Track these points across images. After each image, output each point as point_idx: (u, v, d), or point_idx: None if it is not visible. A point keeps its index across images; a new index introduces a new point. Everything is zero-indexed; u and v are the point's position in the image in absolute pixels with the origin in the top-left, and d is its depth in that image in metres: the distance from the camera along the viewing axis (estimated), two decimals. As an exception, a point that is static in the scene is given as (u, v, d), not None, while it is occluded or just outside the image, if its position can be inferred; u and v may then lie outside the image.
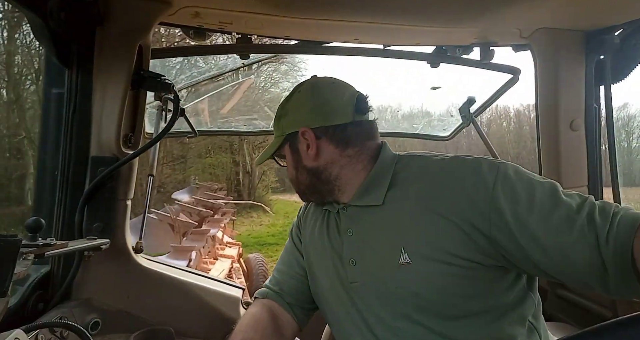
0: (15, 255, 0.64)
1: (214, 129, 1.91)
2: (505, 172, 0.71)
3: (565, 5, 1.10)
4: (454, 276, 0.70)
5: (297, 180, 0.93)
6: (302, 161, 0.89)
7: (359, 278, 0.81)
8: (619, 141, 13.74)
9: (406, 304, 0.74)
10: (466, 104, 1.67)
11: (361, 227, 0.84)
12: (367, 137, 0.87)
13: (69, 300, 1.12)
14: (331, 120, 0.85)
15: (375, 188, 0.83)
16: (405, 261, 0.74)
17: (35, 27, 1.00)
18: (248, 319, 0.89)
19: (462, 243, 0.70)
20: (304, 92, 0.90)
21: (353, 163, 0.86)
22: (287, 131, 0.90)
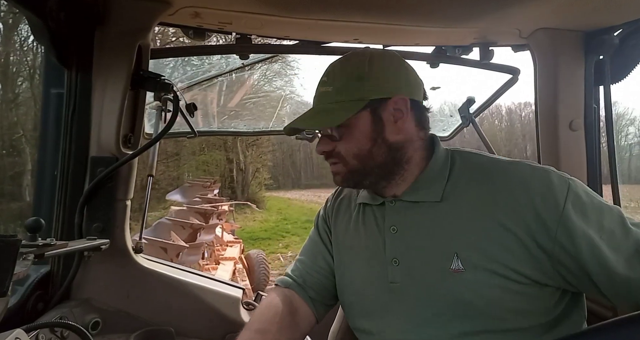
0: (15, 255, 0.64)
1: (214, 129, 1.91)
2: (576, 190, 0.67)
3: (564, 5, 1.10)
4: (506, 290, 0.67)
5: (370, 154, 0.77)
6: (384, 133, 0.77)
7: (401, 279, 0.76)
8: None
9: (451, 311, 0.70)
10: (466, 104, 1.67)
11: (409, 225, 0.77)
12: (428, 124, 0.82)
13: (68, 300, 1.12)
14: (418, 94, 0.79)
15: (432, 183, 0.76)
16: (458, 268, 0.69)
17: (35, 27, 1.00)
18: (266, 309, 0.85)
19: (520, 256, 0.66)
20: (389, 59, 0.79)
21: (422, 148, 0.80)
22: (372, 96, 0.76)
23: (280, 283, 0.94)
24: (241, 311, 1.31)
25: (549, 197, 0.66)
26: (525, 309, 0.68)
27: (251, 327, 0.81)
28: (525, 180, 0.69)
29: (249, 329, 0.80)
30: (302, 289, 0.91)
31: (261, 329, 0.80)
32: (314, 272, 0.92)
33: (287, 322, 0.83)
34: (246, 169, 19.45)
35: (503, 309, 0.68)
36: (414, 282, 0.74)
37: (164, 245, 4.19)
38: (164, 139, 1.24)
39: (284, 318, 0.83)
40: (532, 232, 0.66)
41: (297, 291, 0.90)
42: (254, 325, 0.81)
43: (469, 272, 0.69)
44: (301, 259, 0.97)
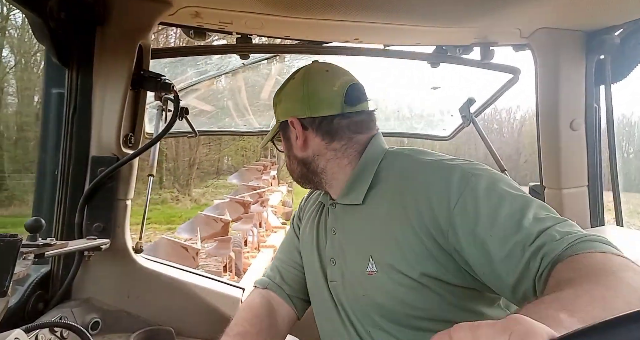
0: (15, 255, 0.64)
1: (214, 129, 1.91)
2: (475, 186, 0.66)
3: (565, 5, 1.09)
4: (416, 290, 0.69)
5: (290, 168, 0.92)
6: (292, 150, 0.88)
7: (337, 278, 0.82)
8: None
9: (372, 311, 0.74)
10: (466, 104, 1.67)
11: (343, 227, 0.83)
12: (357, 130, 0.84)
13: (69, 300, 1.12)
14: (318, 111, 0.82)
15: (357, 186, 0.81)
16: (372, 270, 0.73)
17: (36, 27, 1.00)
18: (244, 312, 0.89)
19: (425, 257, 0.68)
20: (297, 79, 0.87)
21: (338, 157, 0.84)
22: (280, 119, 0.89)
23: (258, 284, 0.97)
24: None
25: (443, 195, 0.67)
26: (436, 307, 0.69)
27: (230, 332, 0.83)
28: (429, 181, 0.70)
29: (228, 335, 0.83)
30: (280, 288, 0.94)
31: (241, 332, 0.82)
32: (290, 267, 0.97)
33: (266, 323, 0.86)
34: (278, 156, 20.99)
35: (416, 308, 0.69)
36: (344, 283, 0.80)
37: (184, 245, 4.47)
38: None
39: (263, 319, 0.87)
40: (430, 231, 0.67)
41: (275, 290, 0.94)
42: (233, 329, 0.84)
43: (381, 274, 0.72)
44: (278, 257, 1.01)
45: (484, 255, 0.63)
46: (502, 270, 0.61)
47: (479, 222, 0.63)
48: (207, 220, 5.92)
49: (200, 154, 17.58)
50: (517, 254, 0.60)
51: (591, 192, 1.33)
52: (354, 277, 0.77)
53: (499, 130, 28.94)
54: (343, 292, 0.80)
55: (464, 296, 0.70)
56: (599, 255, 0.53)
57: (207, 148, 18.20)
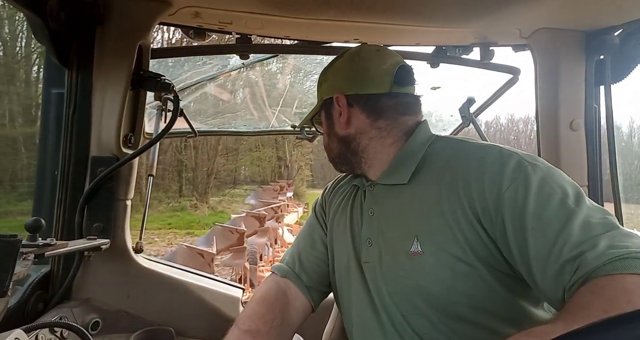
0: (15, 255, 0.64)
1: (214, 129, 1.91)
2: (530, 175, 0.64)
3: (565, 5, 1.09)
4: (464, 274, 0.66)
5: (329, 147, 0.91)
6: (334, 128, 0.87)
7: (372, 259, 0.79)
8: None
9: (414, 294, 0.71)
10: (466, 104, 1.67)
11: (383, 207, 0.80)
12: (404, 112, 0.83)
13: (69, 300, 1.12)
14: (366, 88, 0.82)
15: (402, 166, 0.79)
16: (417, 250, 0.70)
17: (35, 27, 1.00)
18: (259, 305, 0.84)
19: (475, 239, 0.66)
20: (346, 57, 0.87)
21: (383, 136, 0.82)
22: (324, 96, 0.88)
23: (276, 270, 0.93)
24: (241, 311, 1.31)
25: (495, 182, 0.65)
26: (481, 296, 0.67)
27: (242, 326, 0.79)
28: (483, 164, 0.68)
29: (239, 328, 0.79)
30: (298, 278, 0.90)
31: (252, 330, 0.78)
32: (311, 256, 0.94)
33: (279, 319, 0.82)
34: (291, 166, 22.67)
35: (461, 294, 0.67)
36: (381, 264, 0.77)
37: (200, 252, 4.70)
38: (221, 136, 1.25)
39: (276, 316, 0.82)
40: (480, 216, 0.66)
41: (293, 280, 0.90)
42: (245, 323, 0.80)
43: (426, 255, 0.69)
44: (298, 244, 0.97)
45: (523, 248, 0.61)
46: (536, 269, 0.60)
47: (526, 212, 0.61)
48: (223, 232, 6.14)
49: (218, 164, 18.51)
50: (553, 256, 0.58)
51: (591, 193, 1.33)
52: (394, 258, 0.74)
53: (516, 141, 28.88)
54: (380, 274, 0.76)
55: (511, 288, 0.67)
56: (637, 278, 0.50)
57: (224, 158, 19.25)
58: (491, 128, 29.65)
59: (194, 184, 17.80)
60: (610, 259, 0.53)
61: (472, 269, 0.66)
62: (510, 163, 0.66)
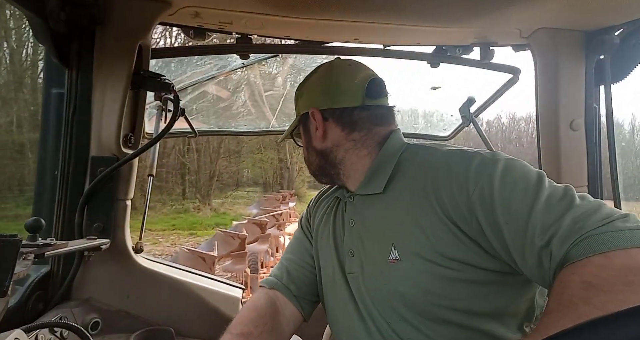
0: (15, 255, 0.64)
1: (214, 129, 1.91)
2: (492, 172, 0.66)
3: (565, 5, 1.09)
4: (442, 277, 0.68)
5: (308, 160, 0.94)
6: (312, 142, 0.90)
7: (356, 269, 0.81)
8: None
9: (395, 301, 0.73)
10: (466, 104, 1.67)
11: (362, 218, 0.83)
12: (377, 123, 0.86)
13: (68, 300, 1.12)
14: (339, 102, 0.85)
15: (377, 176, 0.81)
16: (395, 258, 0.72)
17: (35, 27, 1.00)
18: (249, 311, 0.87)
19: (451, 242, 0.67)
20: (320, 73, 0.91)
21: (358, 148, 0.85)
22: (301, 111, 0.91)
23: (265, 284, 0.95)
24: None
25: (463, 185, 0.67)
26: (461, 297, 0.68)
27: (233, 331, 0.81)
28: (450, 167, 0.70)
29: (231, 333, 0.81)
30: (287, 289, 0.93)
31: (244, 333, 0.80)
32: (300, 268, 0.96)
33: (270, 325, 0.84)
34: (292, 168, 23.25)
35: (441, 297, 0.68)
36: (364, 273, 0.79)
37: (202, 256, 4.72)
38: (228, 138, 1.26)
39: (267, 321, 0.85)
40: (453, 217, 0.67)
41: (282, 291, 0.92)
42: (237, 328, 0.82)
43: (404, 262, 0.71)
44: (287, 257, 1.00)
45: (503, 243, 0.63)
46: (519, 261, 0.61)
47: (495, 208, 0.63)
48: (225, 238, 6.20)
49: (220, 167, 18.99)
50: (528, 247, 0.59)
51: (591, 192, 1.33)
52: (374, 267, 0.76)
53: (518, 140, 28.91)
54: (363, 283, 0.79)
55: (492, 285, 0.68)
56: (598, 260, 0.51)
57: (226, 161, 19.67)
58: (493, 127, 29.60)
59: (196, 186, 18.17)
60: (573, 241, 0.54)
61: (449, 272, 0.67)
62: (473, 164, 0.68)
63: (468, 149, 0.74)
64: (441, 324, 0.69)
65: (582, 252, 0.53)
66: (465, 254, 0.67)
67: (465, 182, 0.67)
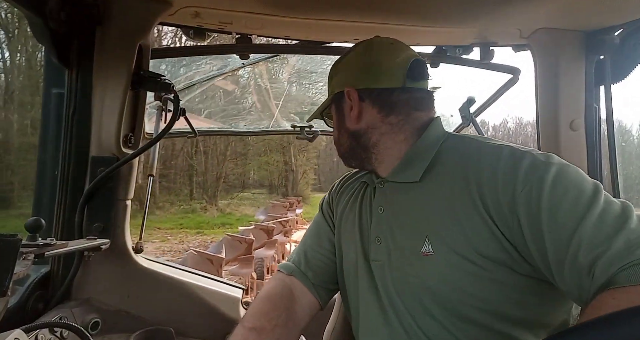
0: (15, 255, 0.64)
1: (214, 128, 1.91)
2: (544, 175, 0.62)
3: (565, 5, 1.09)
4: (476, 276, 0.64)
5: (339, 142, 0.89)
6: (345, 122, 0.85)
7: (382, 257, 0.77)
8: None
9: (423, 295, 0.70)
10: (466, 104, 1.67)
11: (393, 205, 0.78)
12: (416, 107, 0.81)
13: (68, 300, 1.12)
14: (378, 82, 0.80)
15: (414, 164, 0.76)
16: (428, 251, 0.68)
17: (35, 27, 1.00)
18: (263, 303, 0.84)
19: (489, 240, 0.64)
20: (358, 50, 0.85)
21: (394, 132, 0.80)
22: (335, 90, 0.86)
23: (283, 269, 0.92)
24: (241, 311, 1.31)
25: (510, 181, 0.63)
26: (493, 299, 0.65)
27: (246, 324, 0.79)
28: (496, 165, 0.66)
29: (244, 326, 0.79)
30: (304, 276, 0.89)
31: (257, 327, 0.78)
32: (318, 254, 0.92)
33: (284, 317, 0.81)
34: (296, 170, 23.84)
35: (472, 296, 0.65)
36: (391, 263, 0.75)
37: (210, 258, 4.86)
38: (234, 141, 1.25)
39: (281, 313, 0.81)
40: (495, 217, 0.64)
41: (299, 278, 0.89)
42: (250, 321, 0.79)
43: (437, 256, 0.68)
44: (305, 242, 0.96)
45: (542, 251, 0.59)
46: (556, 272, 0.58)
47: (541, 214, 0.59)
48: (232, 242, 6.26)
49: (227, 169, 19.85)
50: (568, 261, 0.56)
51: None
52: (404, 257, 0.72)
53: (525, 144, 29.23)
54: (389, 273, 0.75)
55: (525, 291, 0.65)
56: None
57: (233, 163, 20.57)
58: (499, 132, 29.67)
59: (204, 187, 18.75)
60: (622, 266, 0.50)
61: (484, 271, 0.64)
62: (523, 163, 0.64)
63: (519, 147, 0.70)
64: (469, 324, 0.66)
65: (629, 278, 0.49)
66: (502, 255, 0.64)
67: (512, 181, 0.63)
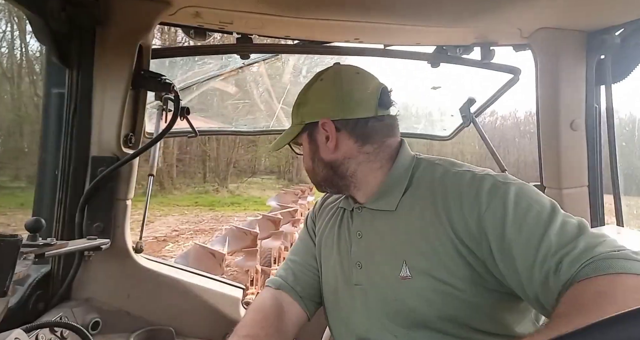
0: (16, 254, 0.64)
1: (215, 128, 1.91)
2: (505, 193, 0.68)
3: (565, 5, 1.09)
4: (453, 296, 0.69)
5: (313, 171, 0.89)
6: (320, 153, 0.86)
7: (364, 281, 0.81)
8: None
9: (404, 316, 0.74)
10: (466, 104, 1.67)
11: (371, 231, 0.82)
12: (388, 134, 0.84)
13: (69, 300, 1.12)
14: (354, 113, 0.82)
15: (390, 193, 0.81)
16: (406, 275, 0.73)
17: (36, 27, 1.00)
18: (254, 313, 0.87)
19: (461, 262, 0.69)
20: (326, 80, 0.86)
21: (371, 161, 0.83)
22: (306, 120, 0.86)
23: (271, 284, 0.95)
24: (241, 311, 1.31)
25: (474, 203, 0.69)
26: (468, 315, 0.69)
27: (240, 333, 0.81)
28: (462, 190, 0.71)
29: (238, 335, 0.81)
30: (292, 289, 0.93)
31: (250, 335, 0.81)
32: (304, 269, 0.96)
33: (275, 327, 0.84)
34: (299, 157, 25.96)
35: (452, 316, 0.70)
36: (373, 286, 0.79)
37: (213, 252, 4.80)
38: None
39: (272, 323, 0.85)
40: (463, 238, 0.69)
41: (288, 291, 0.93)
42: (243, 330, 0.82)
43: (415, 279, 0.72)
44: (292, 258, 1.00)
45: (511, 263, 0.64)
46: (525, 281, 0.62)
47: (507, 228, 0.64)
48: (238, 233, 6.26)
49: (238, 155, 22.40)
50: (537, 266, 0.61)
51: (591, 192, 1.33)
52: (384, 281, 0.77)
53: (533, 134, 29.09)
54: (371, 296, 0.79)
55: (499, 306, 0.71)
56: (610, 278, 0.53)
57: (243, 149, 22.91)
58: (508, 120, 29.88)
59: (215, 171, 21.23)
60: (585, 262, 0.56)
61: (458, 291, 0.69)
62: (484, 185, 0.70)
63: (478, 170, 0.76)
64: (451, 337, 0.71)
65: (595, 270, 0.55)
66: (473, 274, 0.69)
67: (477, 203, 0.68)
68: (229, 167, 21.11)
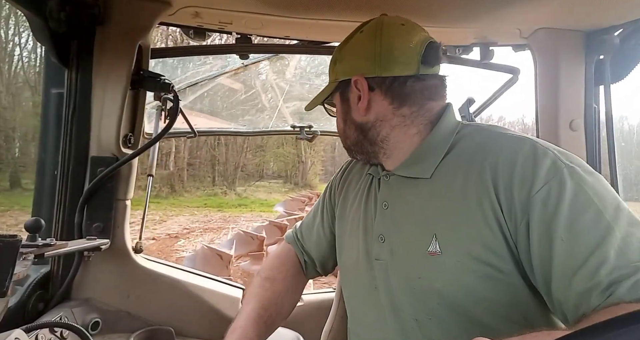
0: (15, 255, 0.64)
1: (214, 129, 1.91)
2: (565, 178, 0.57)
3: (565, 5, 1.09)
4: (488, 277, 0.61)
5: (344, 134, 0.82)
6: (351, 113, 0.78)
7: (385, 256, 0.73)
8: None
9: (427, 296, 0.66)
10: (466, 104, 1.67)
11: (399, 201, 0.74)
12: (430, 96, 0.74)
13: (69, 300, 1.12)
14: (390, 70, 0.72)
15: (425, 159, 0.71)
16: (435, 250, 0.64)
17: (35, 27, 1.00)
18: (273, 259, 0.99)
19: (501, 240, 0.60)
20: (366, 32, 0.76)
21: (407, 125, 0.74)
22: (339, 77, 0.78)
23: (286, 239, 1.03)
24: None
25: (527, 181, 0.59)
26: (504, 301, 0.61)
27: (262, 274, 0.92)
28: (514, 158, 0.62)
29: (260, 276, 0.92)
30: (301, 252, 0.98)
31: (269, 277, 0.90)
32: (314, 236, 0.98)
33: (292, 271, 0.94)
34: (305, 162, 27.17)
35: (484, 299, 0.62)
36: (395, 262, 0.71)
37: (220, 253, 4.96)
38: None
39: (289, 267, 0.95)
40: (504, 214, 0.60)
41: (297, 251, 0.99)
42: (264, 272, 0.93)
43: (445, 256, 0.64)
44: (307, 222, 1.02)
45: (546, 257, 0.56)
46: (557, 281, 0.55)
47: (556, 221, 0.55)
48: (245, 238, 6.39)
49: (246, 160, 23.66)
50: (583, 275, 0.52)
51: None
52: (408, 257, 0.68)
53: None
54: (392, 273, 0.71)
55: (535, 295, 0.62)
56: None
57: (251, 154, 24.33)
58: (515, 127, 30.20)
59: (224, 175, 22.60)
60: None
61: (497, 272, 0.61)
62: (544, 161, 0.59)
63: (542, 142, 0.64)
64: (477, 326, 0.62)
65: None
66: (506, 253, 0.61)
67: (530, 178, 0.59)
68: (237, 171, 22.50)
